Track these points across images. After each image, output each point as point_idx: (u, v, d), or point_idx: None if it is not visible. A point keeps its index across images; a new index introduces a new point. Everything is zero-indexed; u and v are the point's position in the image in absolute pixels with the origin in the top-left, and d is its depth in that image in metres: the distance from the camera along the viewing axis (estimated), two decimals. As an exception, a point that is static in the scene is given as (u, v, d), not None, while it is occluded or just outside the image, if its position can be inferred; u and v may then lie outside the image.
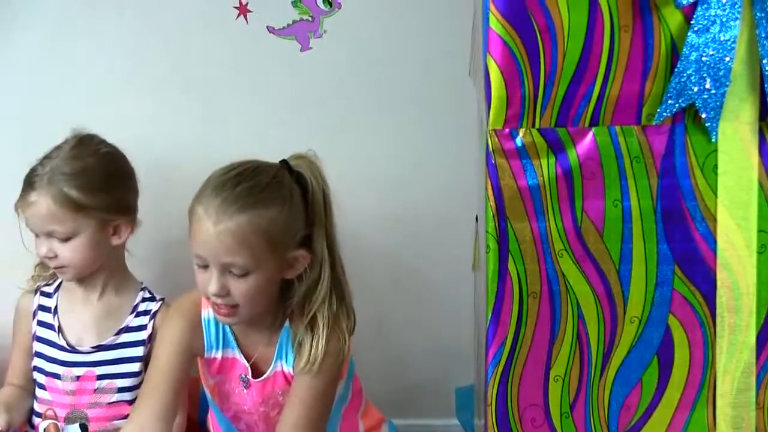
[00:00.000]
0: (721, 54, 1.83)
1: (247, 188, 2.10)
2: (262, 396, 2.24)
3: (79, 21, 2.62)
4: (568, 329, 1.95)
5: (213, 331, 2.25)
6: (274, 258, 2.12)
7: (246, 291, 2.12)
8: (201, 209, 2.09)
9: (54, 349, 2.45)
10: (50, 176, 2.34)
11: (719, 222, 1.91)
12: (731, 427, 1.96)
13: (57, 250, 2.37)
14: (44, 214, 2.34)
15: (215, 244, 2.08)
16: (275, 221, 2.10)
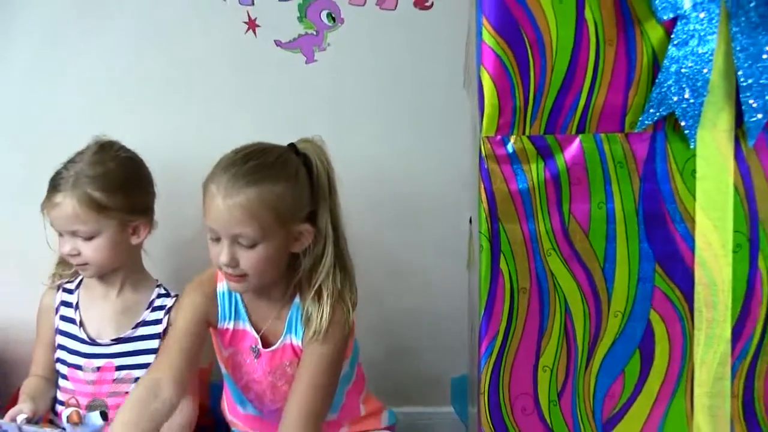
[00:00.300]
0: (700, 66, 1.83)
1: (255, 165, 2.12)
2: (270, 366, 2.24)
3: (99, 40, 2.62)
4: (556, 323, 1.95)
5: (226, 303, 2.26)
6: (281, 230, 2.13)
7: (254, 261, 2.12)
8: (213, 186, 2.11)
9: (76, 342, 2.45)
10: (75, 179, 2.35)
11: (697, 223, 1.90)
12: (708, 415, 1.96)
13: (80, 248, 2.37)
14: (69, 214, 2.34)
15: (226, 217, 2.10)
16: (281, 196, 2.11)
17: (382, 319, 2.45)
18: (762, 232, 1.91)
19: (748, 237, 1.91)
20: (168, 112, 2.64)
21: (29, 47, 2.62)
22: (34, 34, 2.61)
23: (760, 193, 1.89)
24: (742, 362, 1.94)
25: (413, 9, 2.59)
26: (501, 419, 1.98)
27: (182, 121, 2.63)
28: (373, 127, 2.61)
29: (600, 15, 1.83)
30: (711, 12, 1.82)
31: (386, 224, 2.42)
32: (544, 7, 1.82)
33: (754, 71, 1.83)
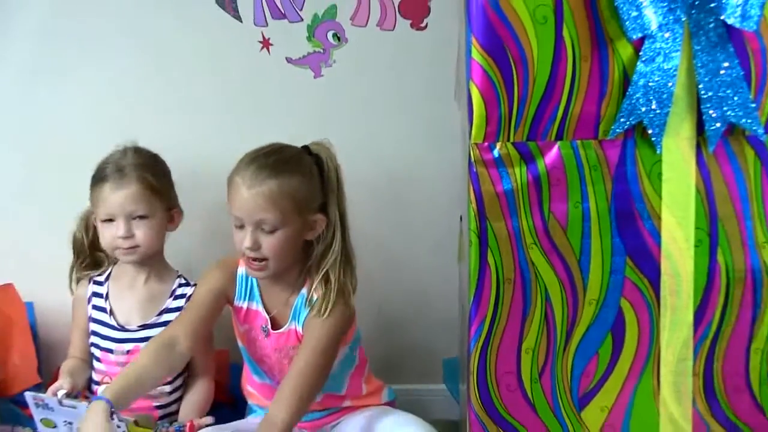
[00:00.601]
0: (665, 80, 1.84)
1: (276, 160, 2.16)
2: (277, 345, 2.26)
3: (123, 57, 2.64)
4: (537, 310, 1.96)
5: (243, 284, 2.28)
6: (298, 218, 2.16)
7: (274, 245, 2.15)
8: (238, 178, 2.15)
9: (107, 329, 2.45)
10: (132, 167, 2.37)
11: (663, 220, 1.92)
12: (672, 391, 1.97)
13: (135, 229, 2.38)
14: (133, 194, 2.36)
15: (250, 205, 2.13)
16: (299, 187, 2.15)
17: (381, 307, 2.45)
18: (720, 229, 1.92)
19: (708, 233, 1.92)
20: (190, 119, 2.62)
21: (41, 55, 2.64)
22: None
23: (718, 194, 1.90)
24: (703, 344, 1.95)
25: (410, 29, 2.58)
26: (488, 396, 1.99)
27: (203, 127, 2.62)
28: (374, 133, 2.58)
29: (576, 34, 1.83)
30: (675, 32, 1.83)
31: (385, 221, 2.41)
32: (527, 28, 1.83)
33: (713, 85, 1.84)
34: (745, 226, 1.92)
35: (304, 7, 2.59)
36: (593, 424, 2.01)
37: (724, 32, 1.83)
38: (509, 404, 2.00)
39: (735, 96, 1.85)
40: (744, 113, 1.86)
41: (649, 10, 1.82)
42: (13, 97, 2.65)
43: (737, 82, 1.85)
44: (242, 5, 2.58)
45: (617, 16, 1.83)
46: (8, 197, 2.67)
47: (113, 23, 2.60)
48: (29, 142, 2.66)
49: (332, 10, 2.59)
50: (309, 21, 2.59)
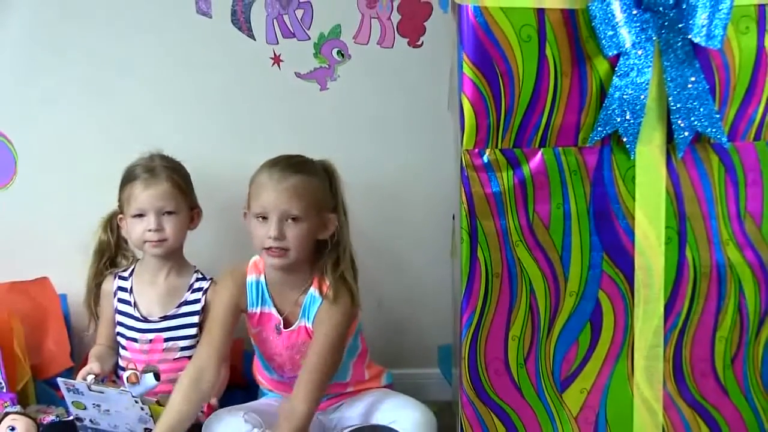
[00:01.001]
0: (638, 93, 1.85)
1: (297, 162, 2.19)
2: (289, 342, 2.25)
3: (139, 66, 2.64)
4: (523, 301, 1.96)
5: (254, 291, 2.26)
6: (317, 215, 2.17)
7: (297, 235, 2.15)
8: (263, 176, 2.16)
9: (131, 320, 2.45)
10: (162, 168, 2.39)
11: (636, 220, 1.92)
12: (645, 375, 1.97)
13: (164, 223, 2.38)
14: (165, 192, 2.37)
15: (277, 198, 2.14)
16: (317, 187, 2.18)
17: (381, 299, 2.44)
18: (689, 227, 1.92)
19: (677, 231, 1.92)
20: (208, 128, 2.61)
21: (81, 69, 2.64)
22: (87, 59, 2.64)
23: (686, 196, 1.91)
24: (673, 332, 1.96)
25: (407, 47, 2.57)
26: (478, 379, 1.98)
27: (219, 135, 2.61)
28: (374, 141, 2.57)
29: (558, 52, 1.84)
30: (647, 50, 1.83)
31: (384, 221, 2.40)
32: (513, 45, 1.83)
33: (681, 97, 1.84)
34: (711, 225, 1.93)
35: (312, 26, 2.58)
36: (573, 404, 2.01)
37: (691, 50, 1.84)
38: (497, 387, 2.00)
39: (701, 107, 1.85)
40: (709, 123, 1.86)
41: (623, 29, 1.82)
42: (48, 98, 2.64)
43: (703, 95, 1.85)
44: (255, 25, 2.58)
45: (595, 36, 1.83)
46: (43, 197, 2.66)
47: (137, 38, 2.59)
48: (62, 141, 2.65)
49: (337, 30, 2.59)
50: (316, 39, 2.59)
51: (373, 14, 2.58)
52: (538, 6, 1.82)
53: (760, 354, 1.98)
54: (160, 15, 2.58)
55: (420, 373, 2.65)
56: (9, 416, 2.24)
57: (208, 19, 2.58)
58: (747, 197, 1.92)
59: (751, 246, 1.93)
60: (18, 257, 2.65)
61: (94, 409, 2.20)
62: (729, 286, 1.95)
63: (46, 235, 2.63)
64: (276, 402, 2.32)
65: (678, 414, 1.99)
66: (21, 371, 2.43)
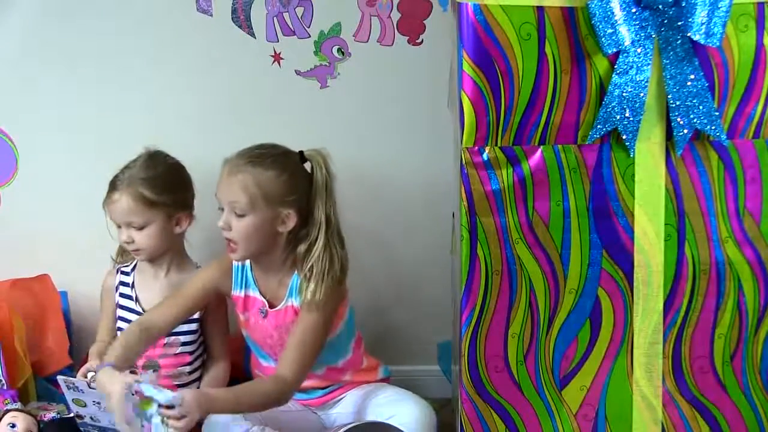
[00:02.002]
0: (637, 91, 1.85)
1: (259, 153, 2.19)
2: (276, 323, 2.26)
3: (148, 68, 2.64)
4: (522, 298, 1.96)
5: (239, 274, 2.29)
6: (267, 208, 2.16)
7: (242, 228, 2.16)
8: (225, 166, 2.19)
9: (133, 315, 2.44)
10: (129, 180, 2.37)
11: (636, 217, 1.92)
12: (644, 372, 1.98)
13: (134, 236, 2.38)
14: (124, 208, 2.36)
15: (225, 188, 2.17)
16: (271, 180, 2.16)
17: (381, 297, 2.45)
18: (688, 225, 1.92)
19: (677, 229, 1.92)
20: (208, 125, 2.62)
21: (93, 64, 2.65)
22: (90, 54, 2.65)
23: (686, 193, 1.91)
24: (672, 329, 1.96)
25: (407, 44, 2.58)
26: (478, 376, 1.99)
27: (220, 132, 2.61)
28: (374, 138, 2.58)
29: (557, 50, 1.84)
30: (646, 47, 1.83)
31: (384, 218, 2.40)
32: (512, 43, 1.83)
33: (680, 95, 1.84)
34: (710, 222, 1.93)
35: (312, 24, 2.59)
36: (573, 401, 2.01)
37: (690, 48, 1.84)
38: (497, 384, 2.00)
39: (700, 105, 1.85)
40: (708, 121, 1.87)
41: (623, 27, 1.82)
42: (49, 96, 2.64)
43: (702, 92, 1.85)
44: (256, 23, 2.58)
45: (594, 33, 1.83)
46: (44, 194, 2.67)
47: (138, 36, 2.60)
48: (63, 138, 2.65)
49: (337, 28, 2.59)
50: (316, 37, 2.59)
51: (373, 12, 2.58)
52: (538, 4, 1.82)
53: (759, 351, 1.98)
54: (160, 13, 2.58)
55: (419, 370, 2.65)
56: (9, 413, 2.24)
57: (208, 17, 2.58)
58: (746, 195, 1.92)
59: (750, 243, 1.94)
60: (19, 254, 2.65)
61: (95, 406, 2.20)
62: (728, 284, 1.95)
63: (47, 233, 2.64)
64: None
65: (677, 411, 2.00)
66: (22, 368, 2.44)
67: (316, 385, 2.33)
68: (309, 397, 2.34)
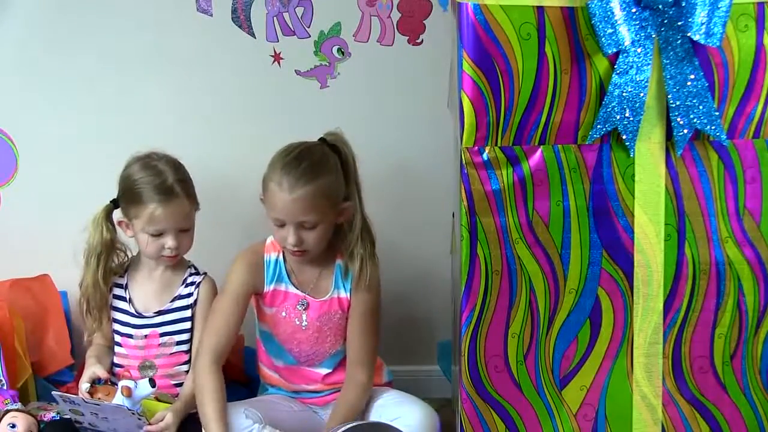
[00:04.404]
0: (637, 91, 1.85)
1: (307, 166, 2.16)
2: (319, 313, 2.26)
3: (151, 71, 2.64)
4: (522, 298, 1.96)
5: (271, 269, 2.29)
6: (333, 211, 2.19)
7: (316, 238, 2.19)
8: (274, 185, 2.16)
9: (126, 316, 2.43)
10: (181, 185, 2.34)
11: (636, 217, 1.92)
12: (644, 372, 1.98)
13: (181, 241, 2.35)
14: (184, 213, 2.35)
15: (291, 209, 2.15)
16: (330, 185, 2.17)
17: (383, 297, 2.44)
18: (688, 225, 1.92)
19: (677, 228, 1.92)
20: (209, 125, 2.62)
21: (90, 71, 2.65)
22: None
23: (686, 193, 1.91)
24: (672, 329, 1.96)
25: (407, 44, 2.58)
26: (478, 376, 1.99)
27: (220, 132, 2.62)
28: (374, 139, 2.58)
29: (557, 50, 1.84)
30: (646, 47, 1.83)
31: (384, 218, 2.37)
32: (512, 43, 1.83)
33: (680, 95, 1.85)
34: (710, 223, 1.93)
35: (312, 24, 2.59)
36: (573, 401, 2.01)
37: (690, 48, 1.84)
38: (497, 384, 2.00)
39: (700, 105, 1.86)
40: (708, 121, 1.87)
41: (623, 27, 1.82)
42: (49, 96, 2.65)
43: (702, 92, 1.85)
44: (256, 23, 2.59)
45: (594, 33, 1.83)
46: (44, 194, 2.67)
47: (138, 36, 2.60)
48: (63, 138, 2.65)
49: (337, 28, 2.59)
50: (316, 37, 2.60)
51: (373, 12, 2.58)
52: (538, 4, 1.82)
53: (759, 351, 1.98)
54: (160, 13, 2.59)
55: (419, 370, 2.66)
56: (10, 413, 2.24)
57: (208, 17, 2.59)
58: (746, 194, 1.92)
59: (750, 243, 1.94)
60: (19, 254, 2.65)
61: (92, 416, 2.20)
62: (728, 283, 1.95)
63: (47, 233, 2.64)
64: (278, 398, 2.33)
65: (677, 410, 2.00)
66: (22, 368, 2.44)
67: (321, 387, 2.34)
68: (312, 397, 2.34)
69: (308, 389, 2.34)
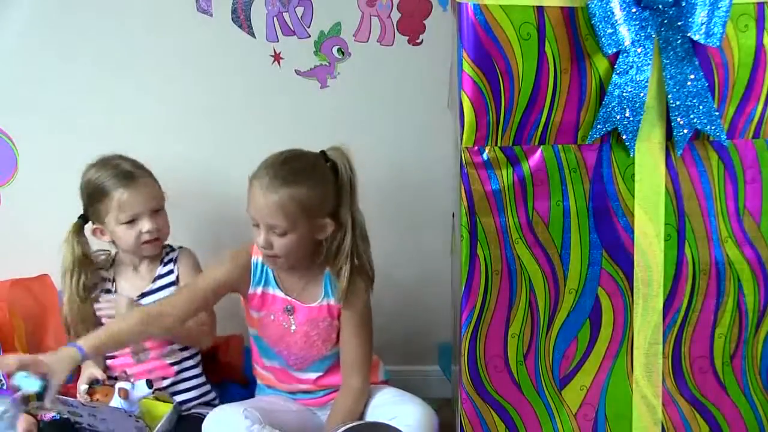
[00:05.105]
0: (637, 91, 1.85)
1: (290, 168, 2.15)
2: (308, 318, 2.25)
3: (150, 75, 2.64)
4: (522, 298, 1.96)
5: (258, 271, 2.27)
6: (307, 222, 2.15)
7: (284, 246, 2.16)
8: (256, 182, 2.14)
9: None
10: (134, 168, 2.39)
11: (636, 217, 1.92)
12: (644, 371, 1.98)
13: (155, 221, 2.37)
14: (149, 192, 2.38)
15: (263, 210, 2.13)
16: (309, 195, 2.13)
17: (381, 297, 2.44)
18: (687, 225, 1.92)
19: (677, 229, 1.92)
20: (209, 124, 2.63)
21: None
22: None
23: (685, 193, 1.91)
24: (672, 329, 1.96)
25: (407, 44, 2.58)
26: (478, 376, 1.99)
27: (221, 131, 2.63)
28: (374, 138, 2.58)
29: (557, 50, 1.84)
30: (646, 47, 1.83)
31: (384, 218, 2.39)
32: (512, 43, 1.83)
33: (680, 95, 1.85)
34: (710, 222, 1.93)
35: (312, 24, 2.59)
36: (573, 401, 2.01)
37: (690, 48, 1.84)
38: (497, 384, 2.00)
39: (700, 105, 1.85)
40: (708, 121, 1.86)
41: (623, 27, 1.82)
42: (49, 96, 2.65)
43: (702, 92, 1.85)
44: (256, 23, 2.59)
45: (594, 33, 1.83)
46: (44, 194, 2.67)
47: (138, 36, 2.60)
48: (63, 138, 2.66)
49: (337, 28, 2.59)
50: (316, 37, 2.60)
51: (373, 12, 2.58)
52: (538, 4, 1.82)
53: (759, 351, 1.98)
54: (161, 13, 2.59)
55: (419, 370, 2.67)
56: (10, 413, 2.24)
57: (208, 17, 2.58)
58: (746, 194, 1.92)
59: (750, 243, 1.94)
60: (19, 254, 2.65)
61: (90, 417, 2.21)
62: (728, 283, 1.95)
63: (47, 233, 2.63)
64: (276, 398, 2.33)
65: (677, 410, 2.00)
66: (22, 368, 2.43)
67: (314, 389, 2.34)
68: (310, 397, 2.34)
69: (302, 389, 2.33)
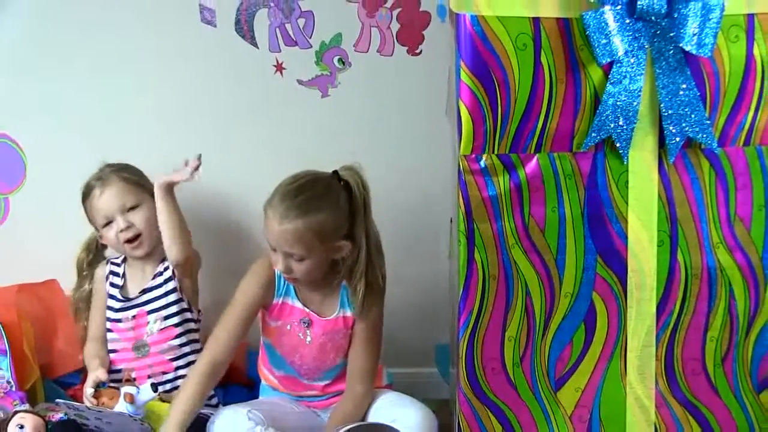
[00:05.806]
0: (631, 100, 1.85)
1: (305, 198, 2.13)
2: (324, 330, 2.26)
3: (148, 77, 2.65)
4: (519, 302, 1.96)
5: (281, 282, 2.27)
6: (323, 247, 2.15)
7: (303, 270, 2.16)
8: (270, 211, 2.13)
9: (115, 301, 2.48)
10: (108, 173, 2.45)
11: (629, 223, 1.92)
12: (637, 374, 1.98)
13: (128, 218, 2.42)
14: (116, 191, 2.43)
15: (280, 239, 2.13)
16: (324, 222, 2.12)
17: (384, 302, 2.46)
18: (680, 231, 1.92)
19: (669, 234, 1.92)
20: (213, 133, 2.64)
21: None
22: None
23: (678, 200, 1.91)
24: (665, 332, 1.96)
25: (406, 55, 2.59)
26: (475, 378, 1.99)
27: (224, 140, 2.63)
28: (373, 146, 2.59)
29: (553, 59, 1.84)
30: (639, 58, 1.84)
31: (384, 224, 2.39)
32: (509, 53, 1.83)
33: (673, 104, 1.85)
34: (701, 228, 1.93)
35: (313, 35, 2.60)
36: (568, 402, 2.02)
37: (682, 58, 1.84)
38: (494, 386, 2.00)
39: (692, 114, 1.86)
40: (700, 129, 1.87)
41: (616, 38, 1.82)
42: (56, 103, 2.66)
43: (694, 101, 1.86)
44: (258, 33, 2.60)
45: (589, 44, 1.83)
46: (52, 200, 2.68)
47: (143, 47, 2.61)
48: (71, 145, 2.67)
49: (338, 38, 2.60)
50: (317, 47, 2.60)
51: (373, 23, 2.59)
52: (534, 15, 1.82)
53: (749, 354, 1.99)
54: (165, 24, 2.60)
55: (418, 373, 2.65)
56: (18, 414, 2.25)
57: (212, 28, 2.59)
58: (737, 201, 1.92)
59: (741, 249, 1.94)
60: (28, 260, 2.66)
61: (97, 420, 2.22)
62: (719, 288, 1.95)
63: (56, 238, 2.65)
64: (280, 400, 2.33)
65: (669, 412, 2.00)
66: (30, 371, 2.44)
67: (320, 394, 2.35)
68: (313, 401, 2.35)
69: (308, 395, 2.34)
